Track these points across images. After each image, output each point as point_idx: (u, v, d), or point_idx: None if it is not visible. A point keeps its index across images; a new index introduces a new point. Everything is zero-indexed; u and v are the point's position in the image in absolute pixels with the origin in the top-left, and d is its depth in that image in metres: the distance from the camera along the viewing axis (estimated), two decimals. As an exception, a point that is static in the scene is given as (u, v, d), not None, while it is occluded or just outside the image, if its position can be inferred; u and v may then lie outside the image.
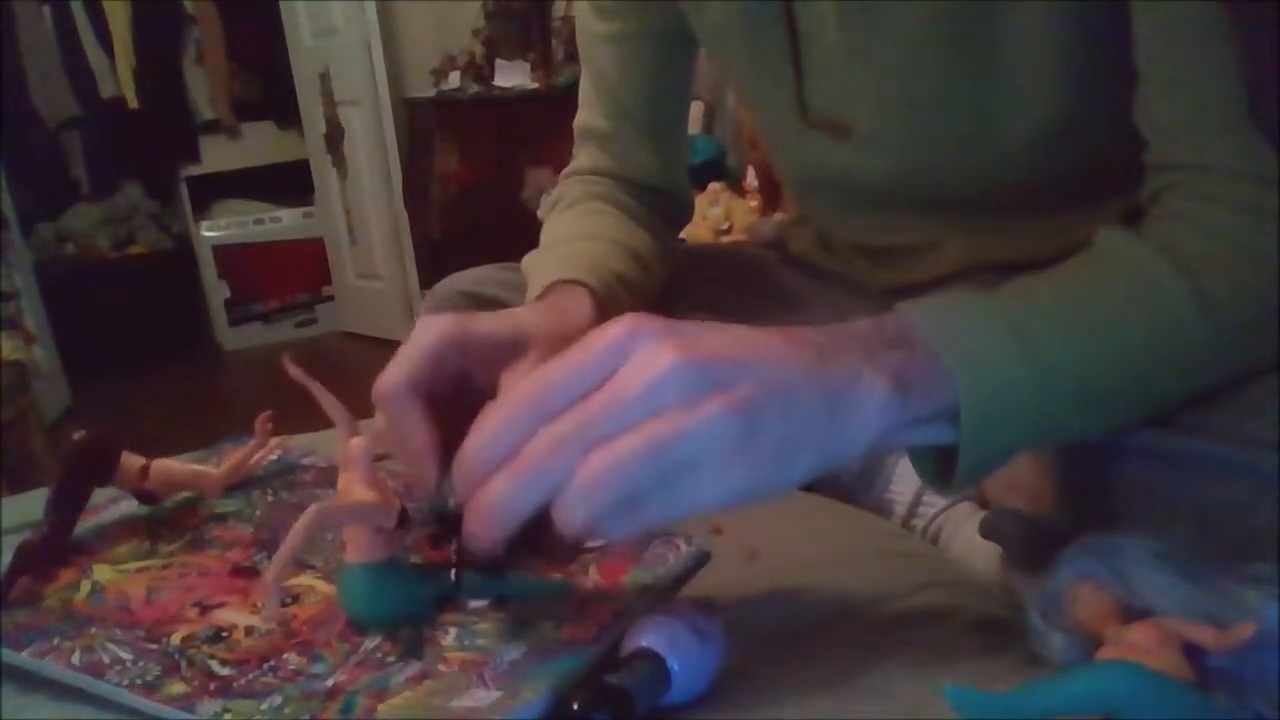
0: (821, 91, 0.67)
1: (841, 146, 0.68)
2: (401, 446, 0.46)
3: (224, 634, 0.47)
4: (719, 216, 2.41)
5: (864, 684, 0.43)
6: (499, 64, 3.43)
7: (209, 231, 4.20)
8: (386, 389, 0.46)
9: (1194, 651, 0.36)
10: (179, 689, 0.43)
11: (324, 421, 0.49)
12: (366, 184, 3.89)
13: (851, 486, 0.73)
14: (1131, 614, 0.38)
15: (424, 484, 0.46)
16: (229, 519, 0.60)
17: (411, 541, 0.51)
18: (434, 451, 0.46)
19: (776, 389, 0.39)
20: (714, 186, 2.48)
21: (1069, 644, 0.40)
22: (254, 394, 3.55)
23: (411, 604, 0.46)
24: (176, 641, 0.46)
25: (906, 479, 0.72)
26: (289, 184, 4.19)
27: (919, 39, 0.61)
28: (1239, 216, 0.48)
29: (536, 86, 3.32)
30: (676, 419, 0.37)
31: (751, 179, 2.49)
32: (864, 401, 0.41)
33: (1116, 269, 0.48)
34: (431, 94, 3.53)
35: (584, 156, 0.80)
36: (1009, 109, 0.61)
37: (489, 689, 0.41)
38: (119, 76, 3.89)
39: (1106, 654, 0.37)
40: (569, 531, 0.38)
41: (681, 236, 0.90)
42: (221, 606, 0.50)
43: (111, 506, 0.61)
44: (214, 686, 0.43)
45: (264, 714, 0.41)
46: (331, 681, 0.43)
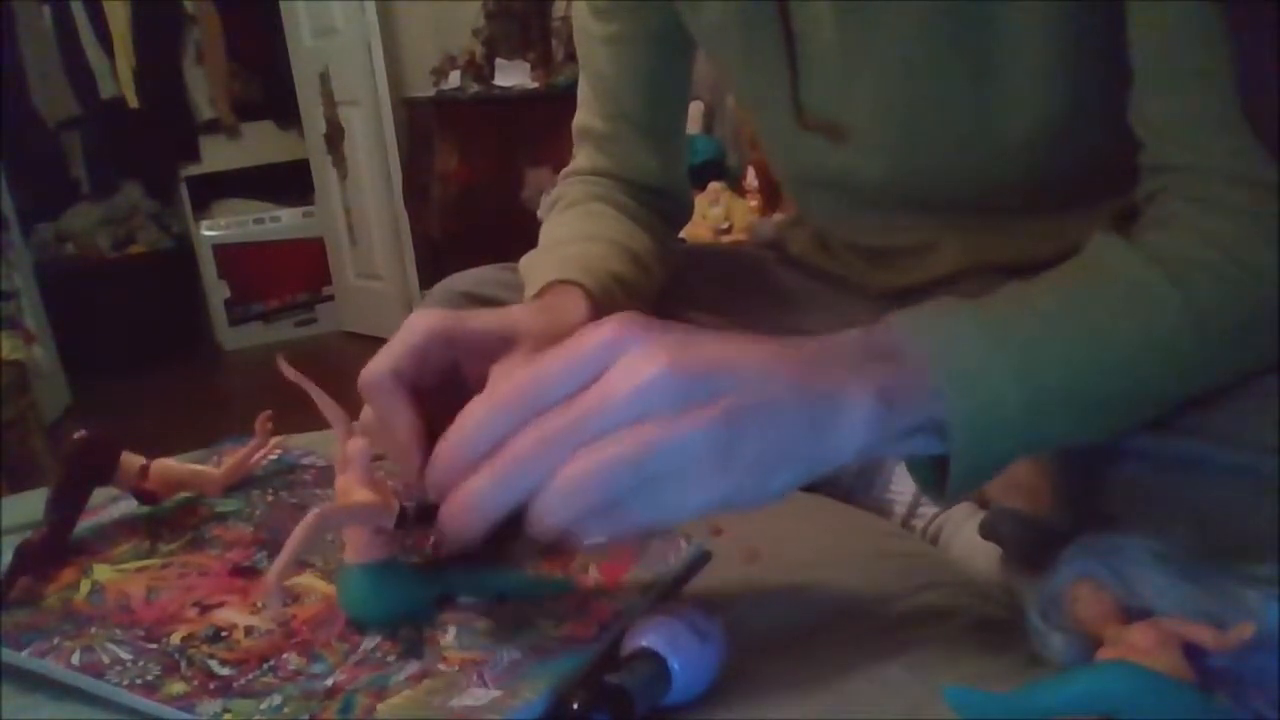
0: (817, 93, 0.67)
1: (838, 148, 0.67)
2: (386, 437, 0.46)
3: (224, 634, 0.47)
4: (719, 216, 2.41)
5: (864, 684, 0.43)
6: (499, 64, 3.42)
7: (209, 231, 4.20)
8: (370, 378, 0.46)
9: (1194, 651, 0.36)
10: (179, 689, 0.43)
11: (324, 422, 0.49)
12: (366, 184, 3.89)
13: (851, 486, 0.73)
14: (1131, 614, 0.38)
15: (407, 474, 0.46)
16: (229, 519, 0.60)
17: (411, 542, 0.51)
18: (417, 442, 0.46)
19: (761, 401, 0.39)
20: (714, 186, 2.48)
21: (1069, 644, 0.40)
22: (254, 394, 3.54)
23: (410, 604, 0.46)
24: (176, 641, 0.46)
25: (906, 479, 0.72)
26: (289, 184, 4.19)
27: (916, 39, 0.61)
28: (1232, 221, 0.48)
29: (536, 86, 3.31)
30: (661, 428, 0.37)
31: (751, 179, 2.49)
32: (848, 415, 0.41)
33: (1108, 277, 0.47)
34: (431, 94, 3.53)
35: (583, 157, 0.80)
36: (1007, 109, 0.61)
37: (488, 688, 0.41)
38: (119, 76, 3.88)
39: (1106, 654, 0.37)
40: (543, 531, 0.38)
41: (681, 236, 0.90)
42: (221, 606, 0.50)
43: (111, 506, 0.61)
44: (214, 686, 0.43)
45: (264, 714, 0.41)
46: (331, 681, 0.43)
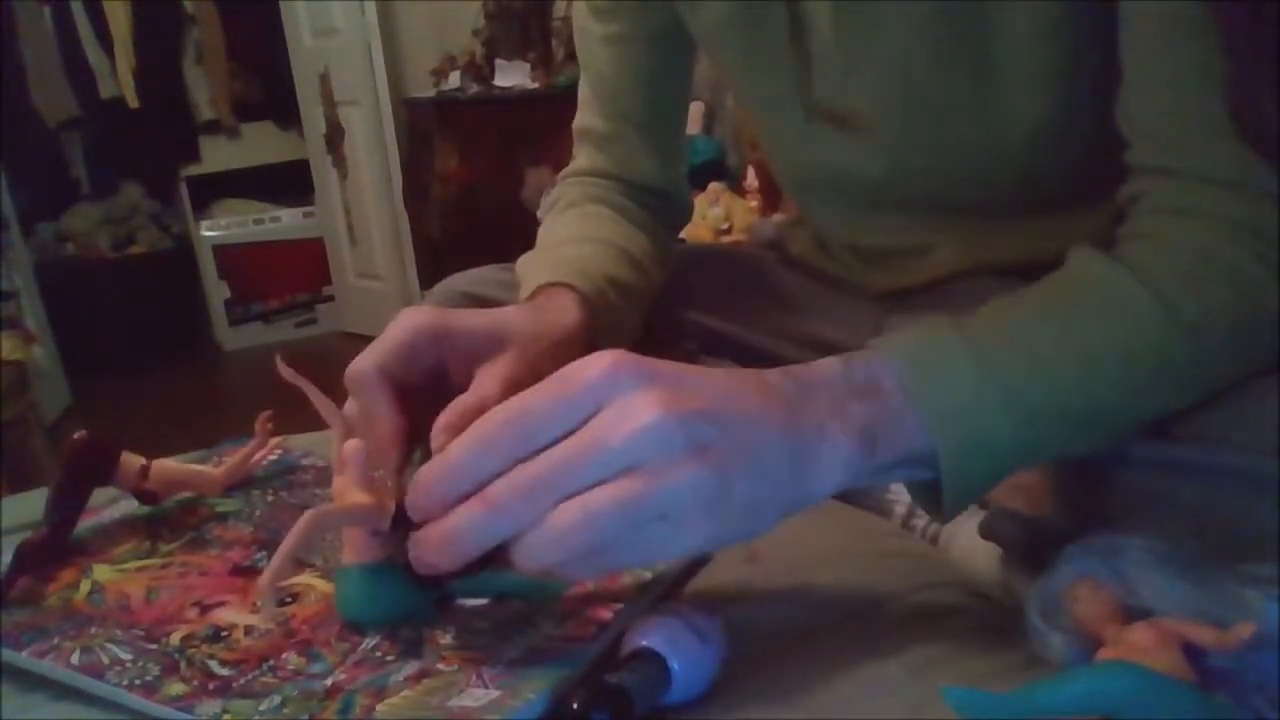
0: (823, 86, 0.67)
1: (842, 142, 0.67)
2: (368, 432, 0.46)
3: (223, 633, 0.47)
4: (719, 216, 2.41)
5: (864, 684, 0.43)
6: (499, 64, 3.42)
7: (209, 231, 4.20)
8: (356, 372, 0.46)
9: (1194, 651, 0.36)
10: (178, 689, 0.43)
11: (323, 422, 0.49)
12: (366, 184, 3.89)
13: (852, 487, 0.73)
14: (1131, 614, 0.38)
15: (386, 470, 0.46)
16: (229, 519, 0.60)
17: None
18: (398, 439, 0.46)
19: (748, 448, 0.39)
20: (714, 186, 2.47)
21: (1069, 644, 0.39)
22: (254, 394, 3.54)
23: (407, 605, 0.46)
24: (176, 641, 0.46)
25: (906, 479, 0.72)
26: (289, 184, 4.19)
27: (914, 40, 0.60)
28: (1214, 231, 0.47)
29: (536, 86, 3.31)
30: (652, 478, 0.37)
31: (751, 179, 2.49)
32: (828, 458, 0.41)
33: (1090, 293, 0.47)
34: (431, 94, 3.53)
35: (582, 158, 0.80)
36: (1005, 110, 0.61)
37: (488, 688, 0.41)
38: (119, 76, 3.88)
39: (1106, 654, 0.37)
40: (527, 571, 0.38)
41: (681, 236, 0.90)
42: (221, 606, 0.50)
43: (111, 506, 0.61)
44: (213, 686, 0.43)
45: (263, 714, 0.41)
46: (330, 681, 0.43)
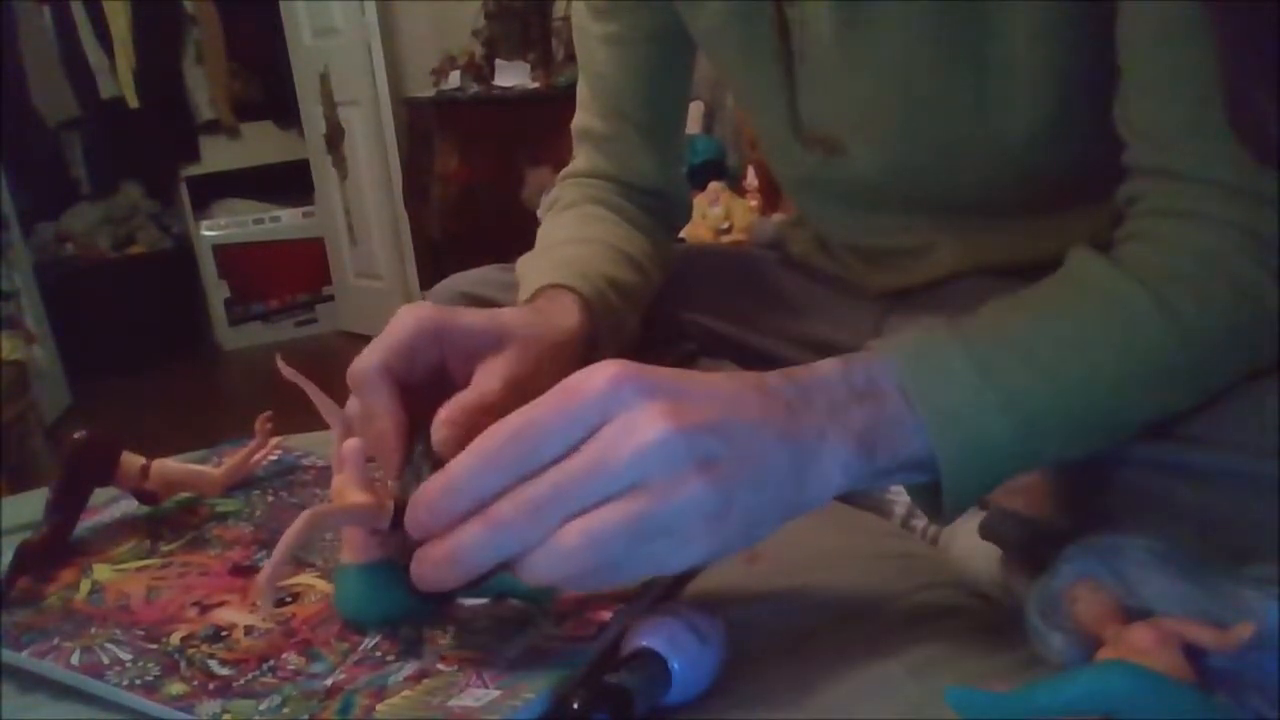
0: (814, 101, 0.66)
1: (834, 159, 0.68)
2: (369, 430, 0.46)
3: (223, 633, 0.47)
4: (719, 216, 2.40)
5: (864, 684, 0.43)
6: (499, 64, 3.42)
7: (209, 231, 4.20)
8: (359, 371, 0.46)
9: (1194, 651, 0.36)
10: (178, 689, 0.43)
11: (324, 422, 0.49)
12: (366, 184, 3.89)
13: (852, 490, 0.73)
14: (1131, 614, 0.38)
15: (387, 470, 0.46)
16: (229, 519, 0.60)
17: (411, 543, 0.51)
18: (399, 437, 0.46)
19: (752, 460, 0.39)
20: (714, 186, 2.47)
21: (1069, 644, 0.39)
22: (254, 394, 3.55)
23: (406, 605, 0.46)
24: (176, 641, 0.46)
25: (906, 479, 0.72)
26: (289, 184, 4.19)
27: (913, 41, 0.60)
28: (1212, 233, 0.47)
29: (536, 86, 3.31)
30: (658, 495, 0.37)
31: (751, 179, 2.49)
32: (827, 464, 0.41)
33: (1088, 295, 0.47)
34: (431, 94, 3.53)
35: (581, 158, 0.79)
36: (1004, 111, 0.61)
37: (488, 688, 0.41)
38: (119, 76, 3.88)
39: (1106, 654, 0.37)
40: (531, 584, 0.38)
41: (681, 236, 0.90)
42: (221, 606, 0.50)
43: (111, 506, 0.61)
44: (213, 686, 0.43)
45: (263, 714, 0.41)
46: (330, 681, 0.43)
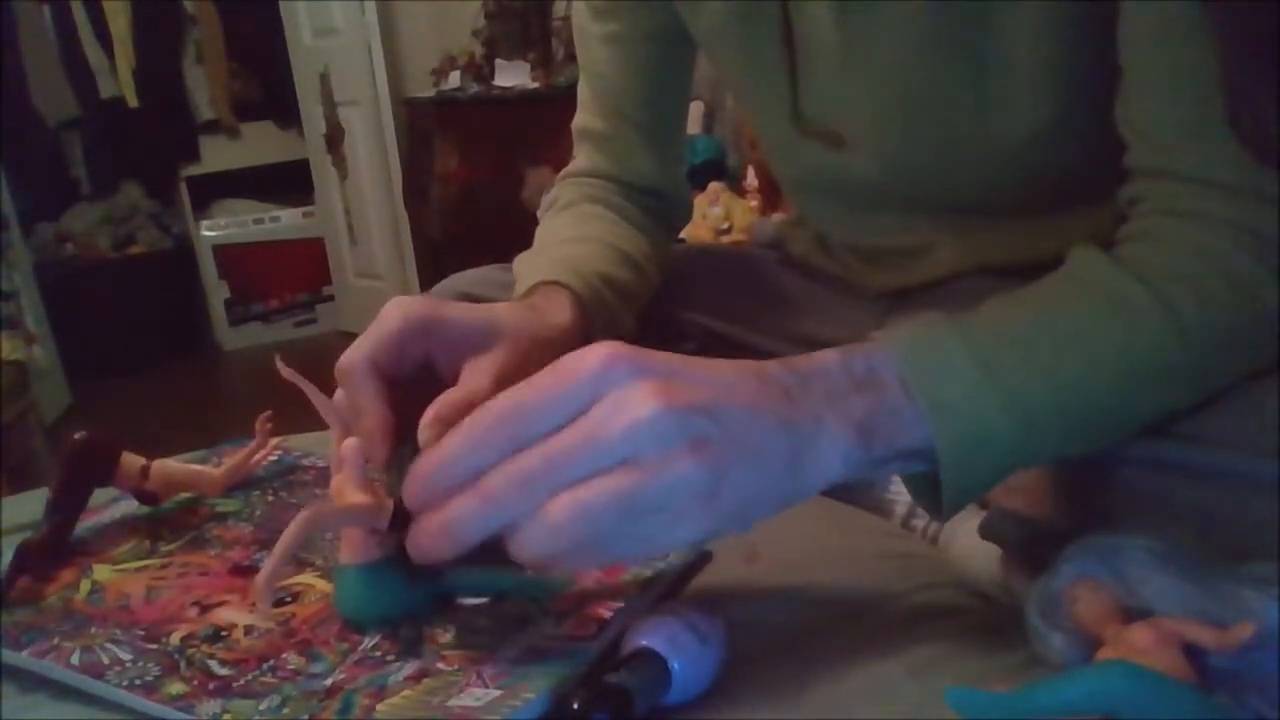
0: (816, 99, 0.67)
1: (836, 153, 0.67)
2: (356, 423, 0.46)
3: (223, 633, 0.47)
4: (719, 216, 2.40)
5: (864, 684, 0.43)
6: (499, 64, 3.42)
7: (209, 231, 4.20)
8: (347, 365, 0.46)
9: (1194, 651, 0.36)
10: (178, 689, 0.43)
11: (323, 422, 0.49)
12: (366, 184, 3.89)
13: (851, 486, 0.73)
14: (1131, 614, 0.38)
15: (373, 462, 0.46)
16: (229, 519, 0.60)
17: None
18: (385, 432, 0.46)
19: (746, 441, 0.39)
20: (714, 186, 2.47)
21: (1069, 644, 0.39)
22: (254, 394, 3.55)
23: (406, 604, 0.46)
24: (176, 641, 0.46)
25: (906, 479, 0.72)
26: (289, 184, 4.19)
27: (914, 41, 0.60)
28: (1212, 232, 0.47)
29: (536, 86, 3.31)
30: (649, 471, 0.37)
31: (751, 179, 2.49)
32: (825, 451, 0.41)
33: (1090, 293, 0.47)
34: (431, 94, 3.53)
35: (581, 158, 0.79)
36: (1004, 111, 0.61)
37: (488, 688, 0.41)
38: (119, 76, 3.88)
39: (1106, 654, 0.37)
40: (521, 560, 0.38)
41: (681, 236, 0.90)
42: (221, 606, 0.50)
43: (111, 506, 0.61)
44: (213, 686, 0.43)
45: (263, 714, 0.41)
46: (330, 680, 0.43)
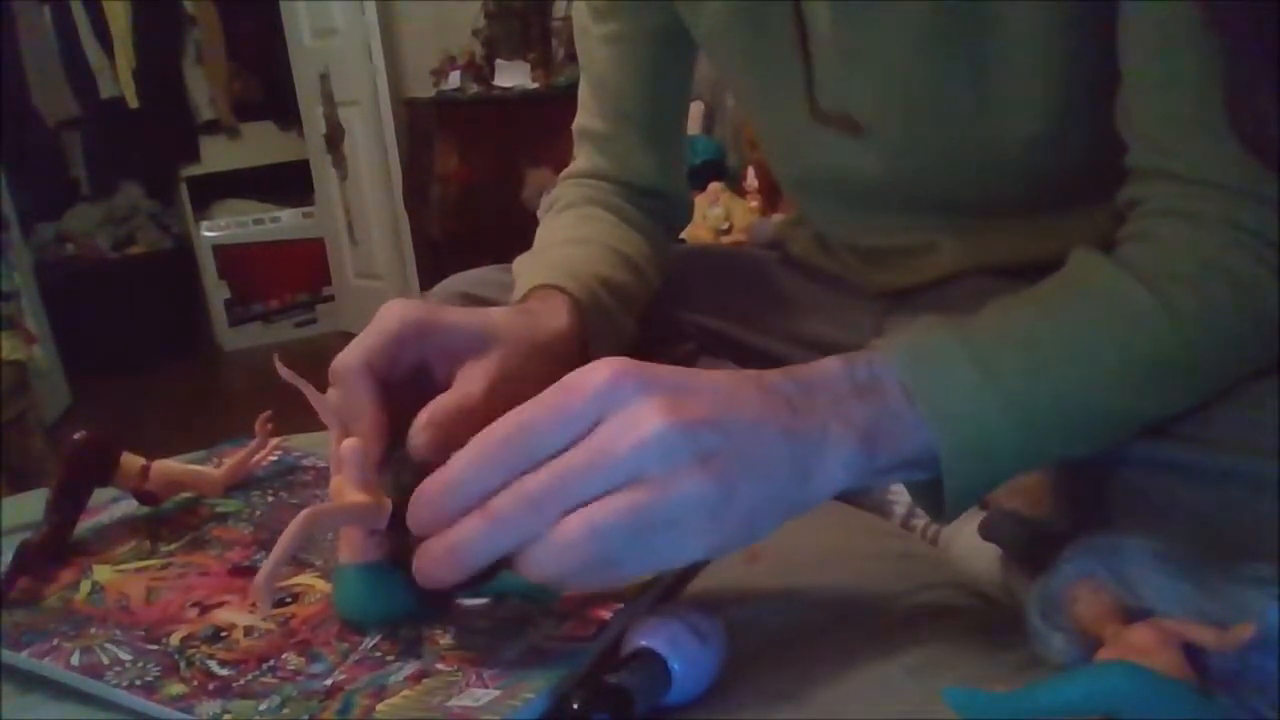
0: (826, 86, 0.67)
1: (842, 143, 0.67)
2: (350, 426, 0.46)
3: (223, 633, 0.47)
4: (719, 216, 2.40)
5: (863, 684, 0.43)
6: (499, 64, 3.43)
7: (209, 231, 4.21)
8: (342, 367, 0.46)
9: (1194, 651, 0.36)
10: (178, 689, 0.43)
11: (323, 423, 0.49)
12: (366, 184, 3.89)
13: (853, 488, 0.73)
14: (1131, 614, 0.38)
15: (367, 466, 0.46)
16: (229, 519, 0.60)
17: (413, 542, 0.51)
18: (379, 435, 0.46)
19: (752, 455, 0.39)
20: (714, 186, 2.47)
21: (1069, 644, 0.39)
22: (254, 394, 3.55)
23: (405, 605, 0.46)
24: (176, 641, 0.46)
25: (906, 479, 0.72)
26: (289, 184, 4.19)
27: (913, 41, 0.60)
28: (1213, 233, 0.47)
29: (536, 86, 3.32)
30: (657, 488, 0.37)
31: (751, 179, 2.49)
32: (830, 460, 0.41)
33: (1091, 295, 0.47)
34: (431, 94, 3.53)
35: (582, 159, 0.79)
36: (1005, 110, 0.61)
37: (488, 688, 0.41)
38: (119, 76, 3.89)
39: (1106, 654, 0.37)
40: (532, 579, 0.38)
41: (681, 237, 0.90)
42: (221, 606, 0.50)
43: (111, 506, 0.61)
44: (213, 687, 0.43)
45: (263, 714, 0.41)
46: (330, 681, 0.43)
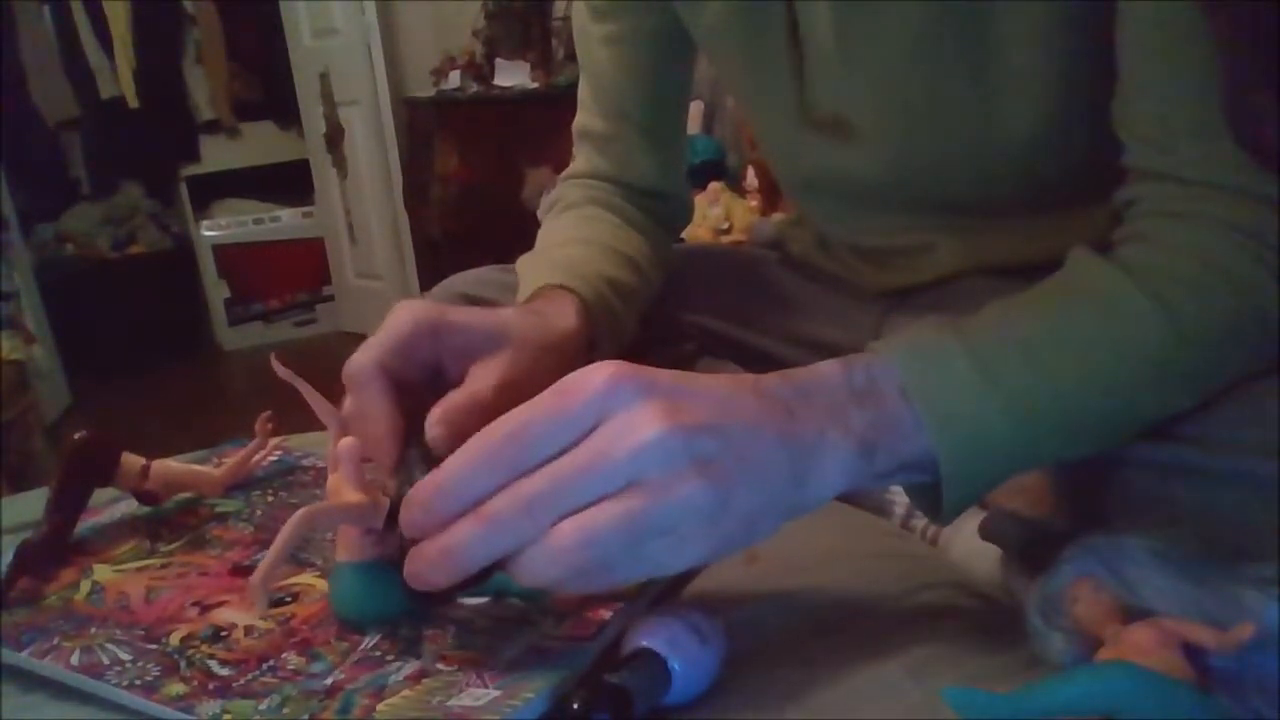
0: (822, 91, 0.67)
1: (840, 146, 0.67)
2: (364, 428, 0.46)
3: (223, 633, 0.47)
4: (719, 216, 2.40)
5: (864, 684, 0.43)
6: (499, 64, 3.43)
7: (209, 231, 4.21)
8: (354, 369, 0.46)
9: (1194, 651, 0.36)
10: (178, 689, 0.43)
11: (323, 422, 0.49)
12: (366, 184, 3.89)
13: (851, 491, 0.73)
14: (1131, 614, 0.38)
15: (382, 467, 0.46)
16: (229, 519, 0.60)
17: (407, 542, 0.51)
18: (393, 437, 0.46)
19: (749, 459, 0.39)
20: (714, 186, 2.47)
21: (1069, 644, 0.39)
22: (254, 394, 3.55)
23: (402, 604, 0.46)
24: (176, 641, 0.46)
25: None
26: (289, 184, 4.19)
27: (913, 41, 0.60)
28: (1211, 233, 0.47)
29: (536, 86, 3.31)
30: (654, 494, 0.37)
31: (751, 179, 2.48)
32: (827, 465, 0.41)
33: (1089, 296, 0.47)
34: (431, 94, 3.53)
35: (582, 159, 0.79)
36: (1004, 112, 0.61)
37: (488, 688, 0.41)
38: (119, 76, 3.89)
39: (1106, 654, 0.37)
40: (526, 584, 0.38)
41: (681, 237, 0.89)
42: (221, 606, 0.50)
43: (111, 506, 0.61)
44: (213, 686, 0.43)
45: (263, 714, 0.41)
46: (330, 680, 0.43)
